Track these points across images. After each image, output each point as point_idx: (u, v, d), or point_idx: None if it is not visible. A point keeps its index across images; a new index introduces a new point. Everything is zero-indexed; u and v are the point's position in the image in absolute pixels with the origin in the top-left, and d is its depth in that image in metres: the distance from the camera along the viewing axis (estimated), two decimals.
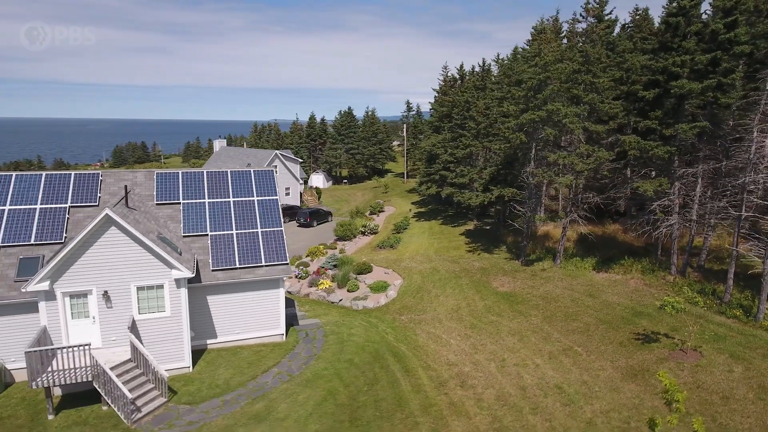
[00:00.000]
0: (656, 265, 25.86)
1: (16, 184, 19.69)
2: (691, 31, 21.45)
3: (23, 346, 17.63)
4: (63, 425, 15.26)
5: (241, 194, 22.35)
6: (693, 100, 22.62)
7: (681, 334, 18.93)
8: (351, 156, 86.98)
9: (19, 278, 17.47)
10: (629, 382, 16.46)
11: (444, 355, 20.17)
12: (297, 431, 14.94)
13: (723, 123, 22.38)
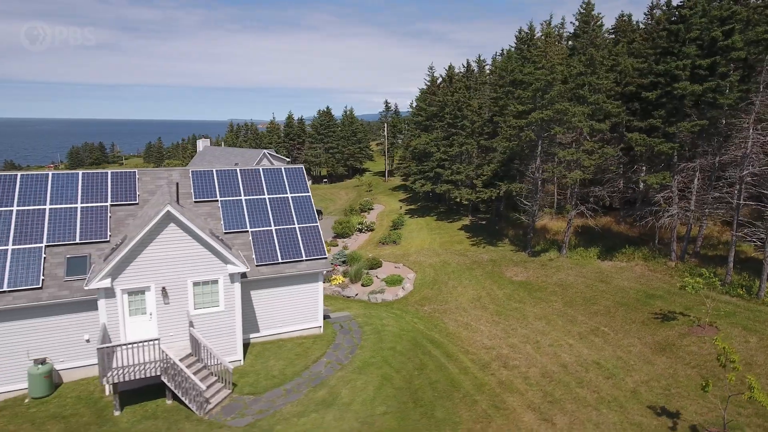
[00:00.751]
0: (656, 253, 28.06)
1: (53, 182, 19.45)
2: (691, 37, 23.59)
3: (71, 347, 17.59)
4: (132, 420, 15.43)
5: (275, 191, 22.75)
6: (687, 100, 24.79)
7: (694, 312, 20.90)
8: (331, 155, 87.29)
9: (69, 277, 17.39)
10: (659, 356, 18.15)
11: (478, 340, 21.35)
12: (366, 414, 15.71)
13: (717, 121, 24.67)
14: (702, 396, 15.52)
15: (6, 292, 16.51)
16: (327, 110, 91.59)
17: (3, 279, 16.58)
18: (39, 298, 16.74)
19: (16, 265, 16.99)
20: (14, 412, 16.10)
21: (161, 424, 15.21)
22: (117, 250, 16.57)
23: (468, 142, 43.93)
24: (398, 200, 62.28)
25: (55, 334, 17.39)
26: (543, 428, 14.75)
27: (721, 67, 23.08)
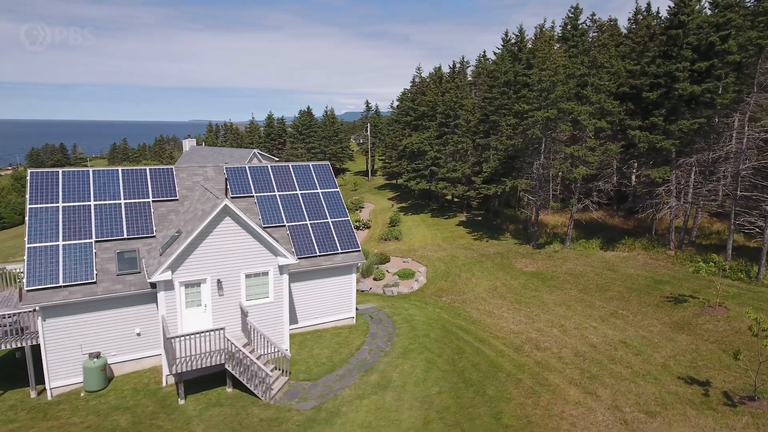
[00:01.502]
0: (655, 243, 30.13)
1: (95, 179, 19.46)
2: (688, 41, 25.66)
3: (122, 340, 17.74)
4: (199, 408, 15.78)
5: (305, 187, 23.31)
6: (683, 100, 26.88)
7: (702, 294, 22.81)
8: (313, 155, 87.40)
9: (121, 272, 17.51)
10: (680, 334, 19.84)
11: (505, 326, 22.57)
12: (422, 394, 16.59)
13: (711, 119, 26.85)
14: (727, 367, 17.19)
15: (62, 287, 16.54)
16: (308, 110, 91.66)
17: (58, 274, 16.60)
18: (94, 292, 16.83)
19: (69, 261, 17.01)
20: (74, 406, 16.17)
21: (229, 410, 15.63)
22: (175, 244, 16.84)
23: (463, 141, 45.38)
24: (387, 198, 63.26)
25: (108, 328, 17.50)
26: (589, 400, 16.02)
27: (717, 70, 25.25)
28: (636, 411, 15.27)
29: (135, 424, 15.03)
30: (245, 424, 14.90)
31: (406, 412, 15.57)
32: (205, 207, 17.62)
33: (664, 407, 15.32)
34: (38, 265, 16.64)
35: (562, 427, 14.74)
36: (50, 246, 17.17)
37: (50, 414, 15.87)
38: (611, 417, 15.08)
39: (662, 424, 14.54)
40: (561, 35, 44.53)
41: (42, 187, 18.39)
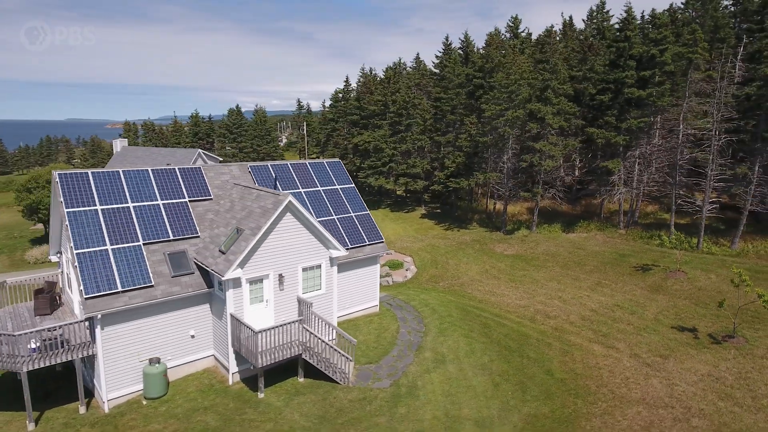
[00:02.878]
0: (605, 224, 35.04)
1: (127, 180, 18.70)
2: (632, 53, 30.48)
3: (177, 344, 17.49)
4: (283, 398, 16.29)
5: (325, 183, 24.06)
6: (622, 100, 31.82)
7: (661, 263, 27.50)
8: (245, 155, 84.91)
9: (176, 273, 17.25)
10: (657, 294, 24.00)
11: (510, 302, 25.34)
12: (477, 363, 18.59)
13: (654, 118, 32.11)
14: (703, 316, 21.43)
15: (121, 293, 15.97)
16: (237, 109, 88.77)
17: (115, 279, 16.00)
18: (153, 296, 16.46)
19: (122, 265, 16.42)
20: (143, 414, 15.77)
21: (313, 397, 16.34)
22: (240, 242, 16.99)
23: (421, 138, 48.00)
24: None
25: (164, 333, 17.16)
26: (612, 352, 19.17)
27: (657, 77, 30.35)
28: (652, 356, 18.67)
29: (226, 422, 15.19)
30: (338, 407, 15.77)
31: (473, 379, 17.47)
32: (264, 204, 17.93)
33: (671, 350, 18.92)
34: (92, 271, 15.88)
35: (603, 375, 17.63)
36: (99, 251, 16.41)
37: (121, 425, 15.35)
38: (635, 362, 18.30)
39: (676, 362, 18.05)
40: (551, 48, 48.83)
41: (75, 190, 17.35)
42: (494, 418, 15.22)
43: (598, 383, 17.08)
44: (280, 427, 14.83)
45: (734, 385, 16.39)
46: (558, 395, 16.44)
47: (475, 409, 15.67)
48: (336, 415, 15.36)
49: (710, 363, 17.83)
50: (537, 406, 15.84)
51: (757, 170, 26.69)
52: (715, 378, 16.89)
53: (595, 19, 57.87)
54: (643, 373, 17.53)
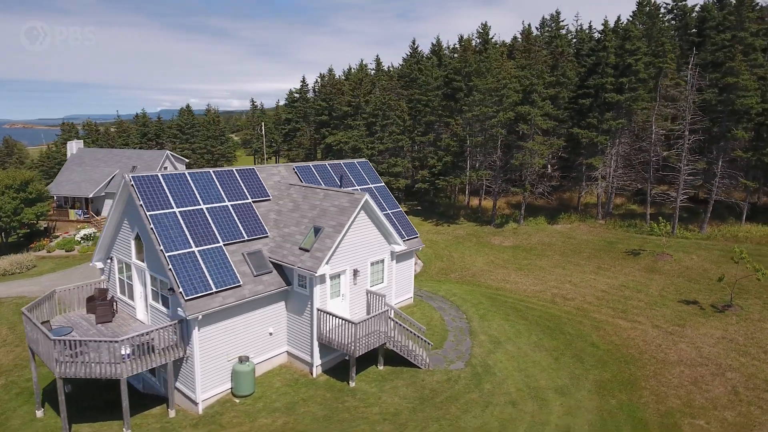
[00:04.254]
0: (585, 216, 38.77)
1: (194, 182, 18.61)
2: (610, 62, 34.23)
3: (258, 342, 17.86)
4: (374, 385, 17.25)
5: (361, 182, 24.97)
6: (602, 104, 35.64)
7: (647, 248, 31.24)
8: (199, 156, 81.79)
9: (258, 273, 17.60)
10: (653, 275, 27.45)
11: (526, 289, 27.71)
12: (530, 342, 20.56)
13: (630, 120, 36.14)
14: (699, 290, 25.00)
15: (215, 293, 16.13)
16: (187, 108, 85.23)
17: (208, 280, 16.13)
18: (243, 295, 16.76)
19: (211, 266, 16.57)
20: (243, 410, 16.08)
21: (403, 381, 17.45)
22: (323, 239, 17.65)
23: (401, 138, 49.66)
24: None
25: (248, 331, 17.48)
26: (636, 325, 21.98)
27: (633, 84, 34.29)
28: (670, 325, 21.70)
29: (332, 411, 15.90)
30: (430, 388, 17.01)
31: (534, 355, 19.42)
32: (340, 202, 18.66)
33: (684, 320, 22.09)
34: (187, 273, 15.90)
35: (638, 344, 20.29)
36: (188, 253, 16.40)
37: (225, 423, 15.58)
38: (659, 332, 21.21)
39: (692, 329, 21.17)
40: (480, 45, 51.78)
41: (150, 192, 17.10)
42: (569, 386, 17.24)
43: (638, 351, 19.70)
44: (386, 410, 15.83)
45: (746, 344, 19.69)
46: (611, 363, 18.82)
47: (550, 380, 17.61)
48: (431, 395, 16.60)
49: (720, 328, 21.14)
50: (598, 373, 18.08)
51: (720, 165, 31.27)
52: (729, 339, 20.13)
53: (549, 27, 62.76)
54: (670, 340, 20.44)
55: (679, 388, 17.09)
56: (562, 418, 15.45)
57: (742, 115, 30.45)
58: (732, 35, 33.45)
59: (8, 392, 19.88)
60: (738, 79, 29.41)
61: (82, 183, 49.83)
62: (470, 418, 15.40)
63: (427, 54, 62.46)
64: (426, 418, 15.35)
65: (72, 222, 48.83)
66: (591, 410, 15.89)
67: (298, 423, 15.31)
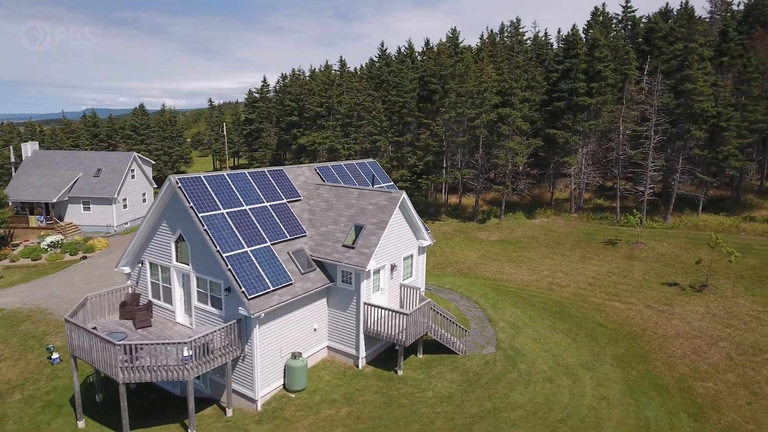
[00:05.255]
0: (559, 210, 41.73)
1: (234, 183, 18.81)
2: (581, 68, 37.24)
3: (305, 337, 18.42)
4: (420, 372, 18.34)
5: (374, 182, 25.84)
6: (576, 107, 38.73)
7: (622, 238, 34.35)
8: (156, 158, 78.30)
9: (305, 271, 18.16)
10: (633, 261, 30.39)
11: (522, 279, 29.78)
12: (545, 326, 22.44)
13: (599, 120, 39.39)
14: (676, 273, 28.07)
15: (272, 291, 16.56)
16: (141, 108, 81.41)
17: (264, 279, 16.55)
18: (296, 293, 17.29)
19: (264, 266, 16.98)
20: (303, 404, 16.65)
21: (446, 367, 18.65)
22: (367, 236, 18.46)
23: (379, 138, 50.75)
24: None
25: (297, 328, 18.02)
26: (631, 307, 24.50)
27: (603, 88, 37.48)
28: (660, 305, 24.40)
29: (389, 398, 16.80)
30: (473, 371, 18.32)
31: (552, 337, 21.28)
32: (378, 201, 19.51)
33: (670, 300, 24.88)
34: (245, 273, 16.21)
35: (637, 322, 22.72)
36: (242, 253, 16.69)
37: (290, 417, 16.07)
38: (652, 311, 23.81)
39: (679, 307, 23.94)
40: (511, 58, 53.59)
41: (197, 194, 17.16)
42: (592, 362, 19.18)
43: (640, 328, 22.11)
44: (439, 393, 16.96)
45: (727, 317, 22.63)
46: (621, 340, 21.04)
47: (574, 357, 19.48)
48: (476, 377, 17.93)
49: (702, 305, 24.07)
50: (614, 349, 20.21)
51: (681, 162, 35.03)
52: (712, 314, 23.03)
53: (508, 33, 66.18)
54: (664, 317, 23.05)
55: (683, 357, 19.52)
56: (596, 389, 17.29)
57: (698, 117, 34.35)
58: (684, 45, 37.46)
59: (31, 406, 19.08)
60: (696, 86, 33.20)
61: (42, 187, 46.80)
62: (517, 395, 16.87)
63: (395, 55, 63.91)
64: (479, 398, 16.65)
65: (33, 229, 45.78)
66: (617, 381, 17.88)
67: (361, 411, 16.10)
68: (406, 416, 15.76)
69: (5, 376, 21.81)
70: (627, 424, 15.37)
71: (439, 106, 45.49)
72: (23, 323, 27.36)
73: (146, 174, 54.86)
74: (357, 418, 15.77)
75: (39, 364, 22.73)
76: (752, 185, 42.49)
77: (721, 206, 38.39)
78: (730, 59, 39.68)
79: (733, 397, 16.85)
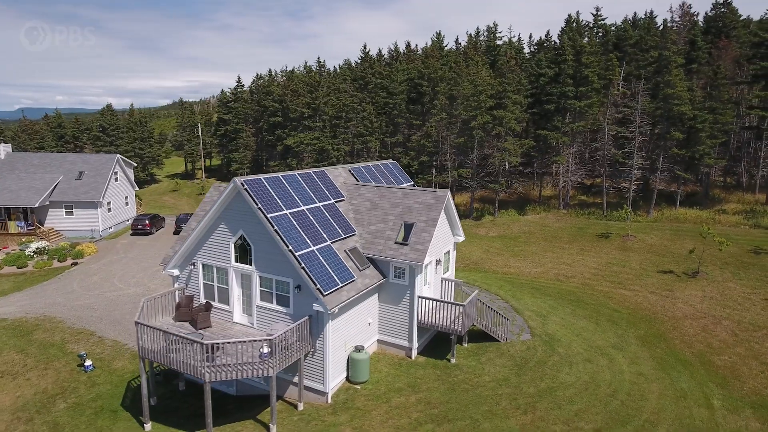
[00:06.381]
0: (548, 207, 44.20)
1: (289, 184, 19.36)
2: (569, 73, 39.78)
3: (361, 332, 19.25)
4: (471, 359, 19.58)
5: (399, 182, 26.87)
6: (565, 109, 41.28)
7: (612, 231, 37.02)
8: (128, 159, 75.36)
9: (363, 268, 19.00)
10: (628, 252, 32.96)
11: (529, 272, 31.69)
12: (567, 312, 24.26)
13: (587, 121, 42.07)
14: (669, 261, 30.77)
15: (340, 288, 17.32)
16: (108, 107, 78.12)
17: (333, 276, 17.30)
18: (359, 288, 18.13)
19: (330, 264, 17.70)
20: (371, 395, 17.53)
21: (493, 354, 19.99)
22: (419, 233, 19.50)
23: (370, 139, 51.67)
24: None
25: (356, 323, 18.87)
26: (637, 293, 26.82)
27: (589, 92, 40.15)
28: (662, 291, 26.85)
29: (451, 384, 17.92)
30: (519, 356, 19.75)
31: (578, 323, 23.11)
32: (423, 199, 20.57)
33: (670, 286, 27.41)
34: (317, 270, 16.88)
35: (647, 307, 24.99)
36: (310, 252, 17.34)
37: (363, 407, 16.88)
38: (657, 296, 26.20)
39: (679, 292, 26.45)
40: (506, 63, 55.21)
41: (262, 196, 17.64)
42: (620, 343, 21.10)
43: (651, 312, 24.35)
44: (495, 377, 18.27)
45: (722, 299, 25.30)
46: (639, 322, 23.15)
47: (603, 340, 21.35)
48: (523, 362, 19.37)
49: (698, 289, 26.71)
50: (634, 331, 22.25)
51: (662, 161, 38.17)
52: (709, 297, 25.65)
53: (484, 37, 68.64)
54: (668, 302, 25.46)
55: (696, 335, 21.82)
56: (631, 366, 19.16)
57: (676, 120, 37.60)
58: (659, 53, 40.77)
59: (82, 414, 18.89)
60: (675, 90, 36.35)
61: (20, 192, 44.54)
62: (564, 375, 18.45)
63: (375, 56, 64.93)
64: (532, 379, 18.10)
65: (12, 235, 43.54)
66: (647, 359, 19.85)
67: (429, 397, 17.15)
68: (472, 399, 16.97)
69: (39, 386, 21.32)
70: (667, 395, 17.26)
71: (430, 107, 46.98)
72: (34, 332, 26.53)
73: (128, 177, 53.23)
74: (427, 403, 16.82)
75: (71, 372, 22.31)
76: (716, 181, 46.64)
77: (694, 201, 42.04)
78: (699, 66, 43.49)
79: (747, 367, 19.18)
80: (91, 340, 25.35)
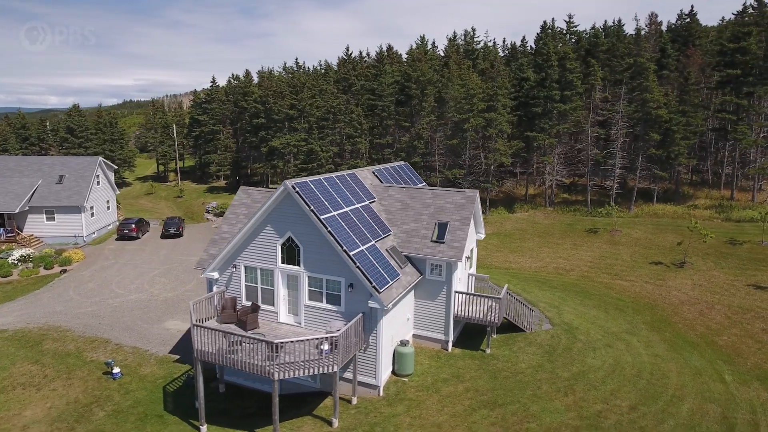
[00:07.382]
0: (534, 205, 46.41)
1: (330, 186, 19.97)
2: (554, 78, 42.03)
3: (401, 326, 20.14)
4: (504, 350, 20.86)
5: (414, 183, 27.87)
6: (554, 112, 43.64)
7: (599, 227, 39.46)
8: None
9: (402, 265, 19.92)
10: (617, 246, 35.36)
11: (529, 266, 33.50)
12: (579, 303, 26.02)
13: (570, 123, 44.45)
14: (658, 254, 33.30)
15: (390, 285, 18.16)
16: (75, 107, 74.89)
17: (383, 274, 18.12)
18: (404, 285, 19.01)
19: (379, 262, 18.49)
20: (420, 386, 18.53)
21: (523, 343, 21.37)
22: (454, 231, 20.59)
23: (360, 141, 52.36)
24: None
25: (399, 318, 19.76)
26: (633, 283, 29.01)
27: (573, 96, 42.56)
28: (655, 280, 29.17)
29: (491, 373, 19.12)
30: (547, 345, 21.20)
31: (589, 312, 24.90)
32: (454, 199, 21.66)
33: (661, 276, 29.79)
34: (370, 269, 17.64)
35: (645, 295, 27.16)
36: (361, 251, 18.07)
37: (415, 398, 17.82)
38: (652, 286, 28.46)
39: (672, 281, 28.83)
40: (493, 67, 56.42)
41: (311, 197, 18.20)
42: (632, 329, 22.99)
43: (650, 300, 26.51)
44: (529, 364, 19.63)
45: (710, 286, 27.83)
46: (643, 310, 25.20)
47: (616, 327, 23.18)
48: (551, 349, 20.85)
49: (688, 278, 29.21)
50: (642, 318, 24.25)
51: (641, 160, 41.06)
52: (699, 285, 28.14)
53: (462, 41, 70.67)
54: (663, 290, 27.75)
55: (695, 320, 24.05)
56: (647, 349, 21.01)
57: (654, 122, 40.56)
58: (634, 60, 43.73)
59: (126, 420, 18.83)
60: (652, 95, 39.25)
61: None
62: (590, 359, 20.05)
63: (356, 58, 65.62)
64: (564, 364, 19.58)
65: None
66: (659, 342, 21.79)
67: (476, 385, 18.27)
68: (515, 385, 18.23)
69: (69, 396, 20.96)
70: (685, 373, 19.15)
71: (419, 109, 48.25)
72: (43, 342, 25.82)
73: (110, 180, 51.58)
74: (476, 391, 17.94)
75: (98, 380, 22.00)
76: (684, 179, 50.40)
77: (667, 197, 45.35)
78: (669, 72, 46.94)
79: (746, 345, 21.45)
80: (108, 347, 24.92)
